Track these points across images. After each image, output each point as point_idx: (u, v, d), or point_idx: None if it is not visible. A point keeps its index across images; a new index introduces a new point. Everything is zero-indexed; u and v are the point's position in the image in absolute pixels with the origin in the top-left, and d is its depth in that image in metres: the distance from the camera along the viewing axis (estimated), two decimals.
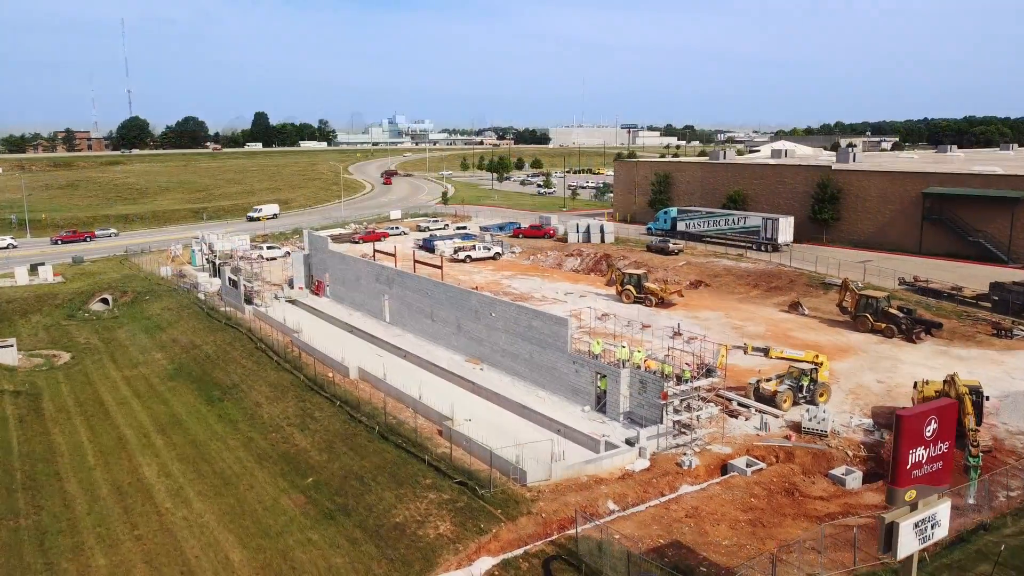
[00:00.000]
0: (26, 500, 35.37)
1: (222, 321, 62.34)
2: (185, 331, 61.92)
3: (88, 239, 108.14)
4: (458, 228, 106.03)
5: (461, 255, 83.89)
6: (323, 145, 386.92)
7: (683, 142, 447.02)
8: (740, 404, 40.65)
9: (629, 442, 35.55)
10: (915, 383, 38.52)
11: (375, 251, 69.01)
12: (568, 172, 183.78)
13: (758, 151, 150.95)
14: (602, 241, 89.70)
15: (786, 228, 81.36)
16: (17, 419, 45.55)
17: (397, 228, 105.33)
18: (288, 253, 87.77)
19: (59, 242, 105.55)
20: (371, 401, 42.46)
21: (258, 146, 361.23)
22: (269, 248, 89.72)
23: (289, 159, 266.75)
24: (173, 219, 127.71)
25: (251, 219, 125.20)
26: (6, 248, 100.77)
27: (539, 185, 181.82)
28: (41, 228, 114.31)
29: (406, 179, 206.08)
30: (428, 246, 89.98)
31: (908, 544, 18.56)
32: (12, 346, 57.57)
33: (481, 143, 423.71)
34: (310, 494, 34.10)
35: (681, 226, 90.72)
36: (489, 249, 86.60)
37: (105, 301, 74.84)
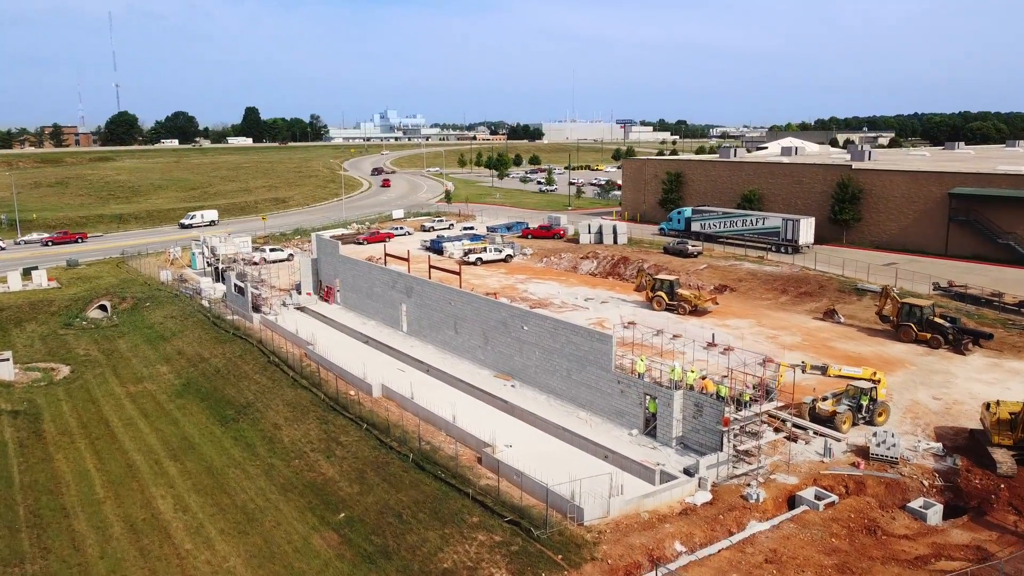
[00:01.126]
0: (31, 541, 32.27)
1: (229, 331, 59.20)
2: (191, 342, 58.74)
3: (80, 240, 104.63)
4: (464, 228, 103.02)
5: (472, 257, 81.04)
6: (248, 141, 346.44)
7: (676, 137, 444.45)
8: (795, 426, 38.10)
9: (687, 472, 32.94)
10: (986, 404, 35.93)
11: (386, 255, 66.11)
12: (569, 168, 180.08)
13: (766, 148, 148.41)
14: (615, 242, 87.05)
15: (807, 229, 79.17)
16: (17, 443, 42.37)
17: (401, 228, 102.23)
18: (291, 256, 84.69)
19: (49, 243, 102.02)
20: (400, 423, 39.51)
21: (175, 142, 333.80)
22: (272, 251, 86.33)
23: (283, 155, 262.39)
24: (169, 218, 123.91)
25: (184, 227, 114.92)
26: None
27: (540, 182, 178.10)
28: (33, 229, 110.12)
29: (402, 177, 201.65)
30: (436, 248, 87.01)
31: None
32: (8, 360, 54.19)
33: (474, 138, 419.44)
34: (344, 532, 31.21)
35: (695, 226, 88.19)
36: (500, 251, 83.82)
37: (103, 308, 71.39)
